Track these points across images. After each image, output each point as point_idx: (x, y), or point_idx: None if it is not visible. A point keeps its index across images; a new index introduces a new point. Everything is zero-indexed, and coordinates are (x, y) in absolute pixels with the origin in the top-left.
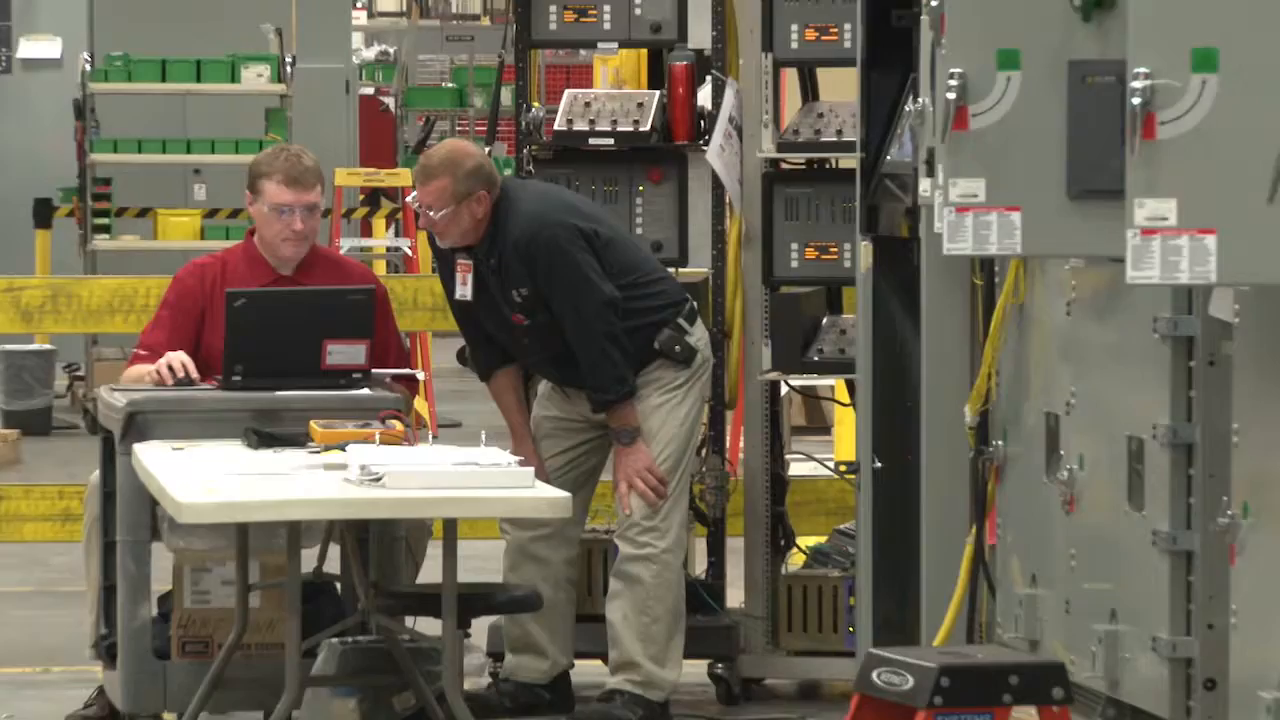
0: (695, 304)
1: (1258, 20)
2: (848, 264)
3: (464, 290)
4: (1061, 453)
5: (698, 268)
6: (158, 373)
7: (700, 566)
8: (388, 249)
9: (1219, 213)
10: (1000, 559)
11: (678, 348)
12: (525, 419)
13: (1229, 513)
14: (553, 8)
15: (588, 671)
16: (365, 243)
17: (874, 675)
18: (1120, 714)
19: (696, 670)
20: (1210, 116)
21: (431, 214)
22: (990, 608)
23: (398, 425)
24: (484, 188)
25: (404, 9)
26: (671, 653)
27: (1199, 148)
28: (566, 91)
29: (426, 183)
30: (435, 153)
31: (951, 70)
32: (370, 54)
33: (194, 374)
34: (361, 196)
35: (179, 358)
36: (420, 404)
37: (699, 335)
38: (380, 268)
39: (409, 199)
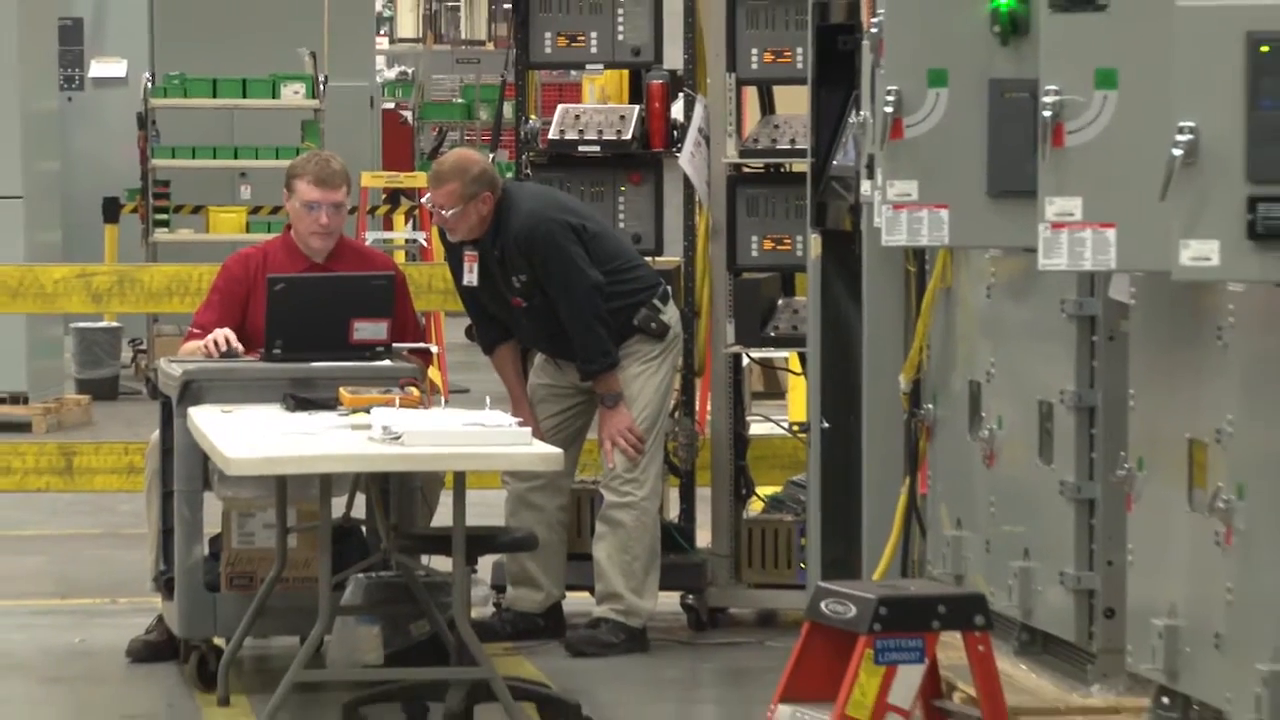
0: (669, 287)
1: (1151, 45)
2: (799, 253)
3: (470, 277)
4: (983, 415)
5: (671, 257)
6: (208, 347)
7: (674, 512)
8: (406, 240)
9: (1118, 209)
10: (930, 506)
11: (653, 324)
12: (523, 386)
13: (1126, 466)
14: (548, 34)
15: (577, 602)
16: (386, 235)
17: (822, 605)
18: (1033, 639)
19: (670, 601)
20: (1110, 127)
21: (443, 212)
22: (921, 547)
23: (414, 391)
24: (488, 189)
25: (420, 35)
26: (649, 586)
27: (1101, 154)
28: (559, 106)
29: (438, 186)
30: (445, 160)
31: (889, 87)
32: (391, 74)
33: (239, 348)
34: (384, 196)
35: (226, 334)
36: (434, 373)
37: (671, 314)
38: (400, 257)
39: (424, 199)
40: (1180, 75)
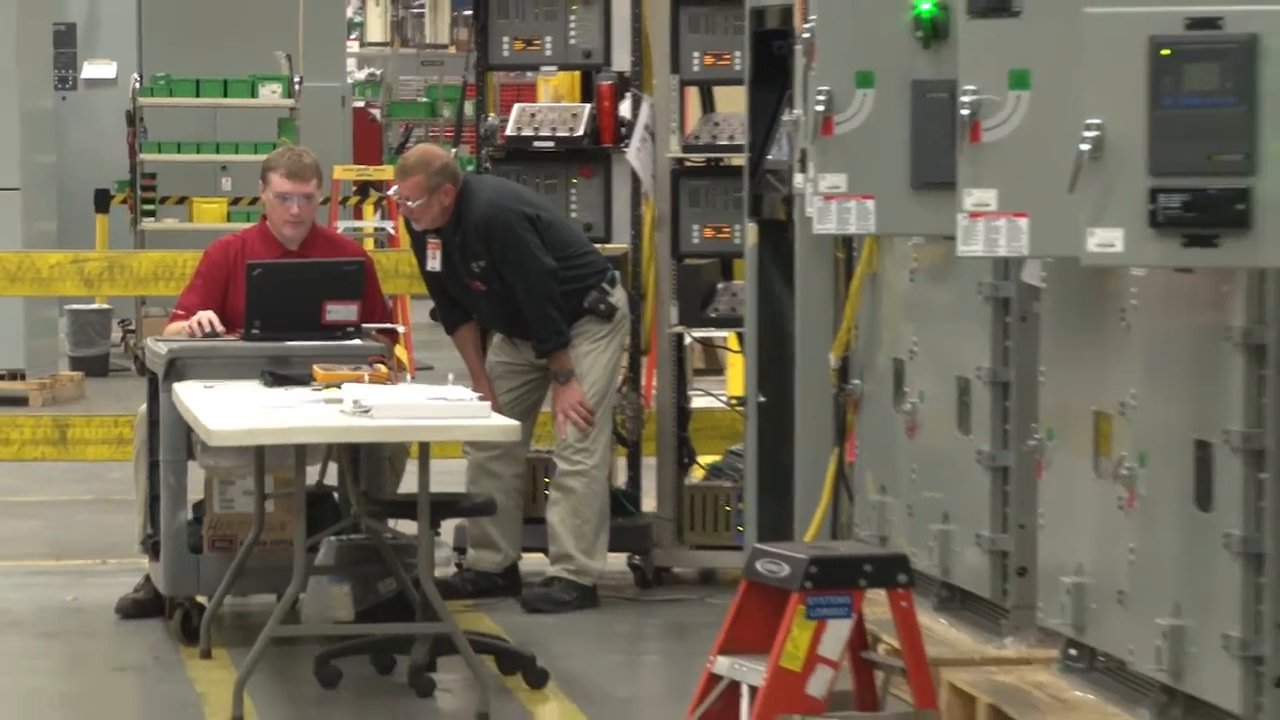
0: (617, 272)
1: (1061, 49)
2: (738, 241)
3: (434, 263)
4: (906, 389)
5: (620, 244)
6: (192, 327)
7: (622, 479)
8: (375, 229)
9: (1030, 200)
10: (857, 473)
11: (602, 306)
12: (481, 363)
13: (1036, 437)
14: (505, 39)
15: (532, 562)
16: (357, 224)
17: (758, 565)
18: (951, 595)
19: (618, 561)
20: (1024, 124)
21: (409, 203)
22: (849, 511)
23: (383, 368)
24: (450, 182)
25: (388, 39)
26: (599, 547)
27: (1014, 149)
28: (516, 105)
29: (404, 179)
30: (411, 155)
31: (820, 88)
32: (361, 75)
33: (220, 328)
34: (354, 187)
35: (208, 315)
36: (400, 351)
37: (619, 297)
38: (369, 244)
39: (390, 191)
40: (1088, 76)
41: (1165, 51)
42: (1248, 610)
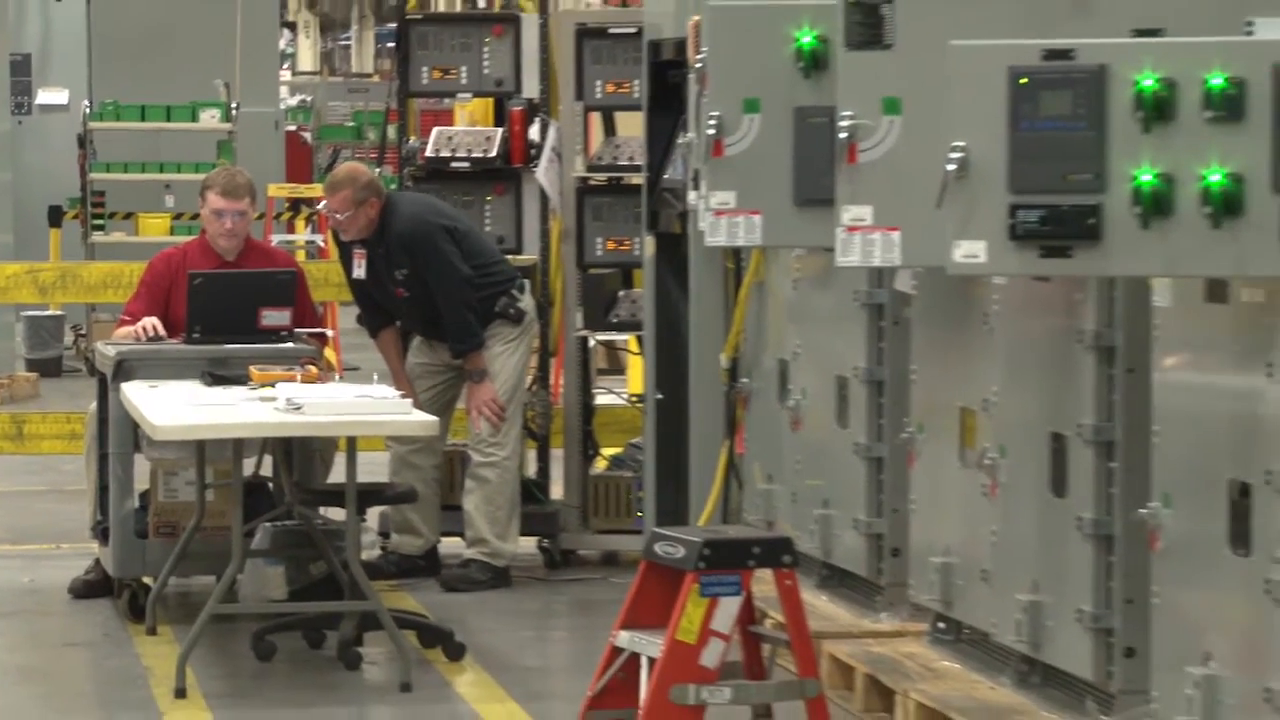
0: (525, 280)
1: (929, 78)
2: (637, 253)
3: (359, 271)
4: (790, 388)
5: (529, 255)
6: (138, 332)
7: (532, 469)
8: (305, 241)
9: (902, 215)
10: (746, 464)
11: (512, 310)
12: (402, 364)
13: (908, 430)
14: (425, 68)
15: (451, 545)
16: (289, 237)
17: (656, 547)
18: (831, 574)
19: (529, 544)
20: (895, 147)
21: (338, 216)
22: (739, 498)
23: (313, 369)
24: (374, 196)
25: (318, 69)
26: (511, 531)
27: (888, 169)
28: (435, 128)
29: (333, 194)
30: (338, 172)
31: (711, 113)
32: (293, 101)
33: (163, 333)
34: (287, 204)
35: (153, 321)
36: (329, 353)
37: (527, 303)
38: (301, 255)
39: (320, 206)
40: (953, 103)
41: (1023, 80)
42: (1099, 587)
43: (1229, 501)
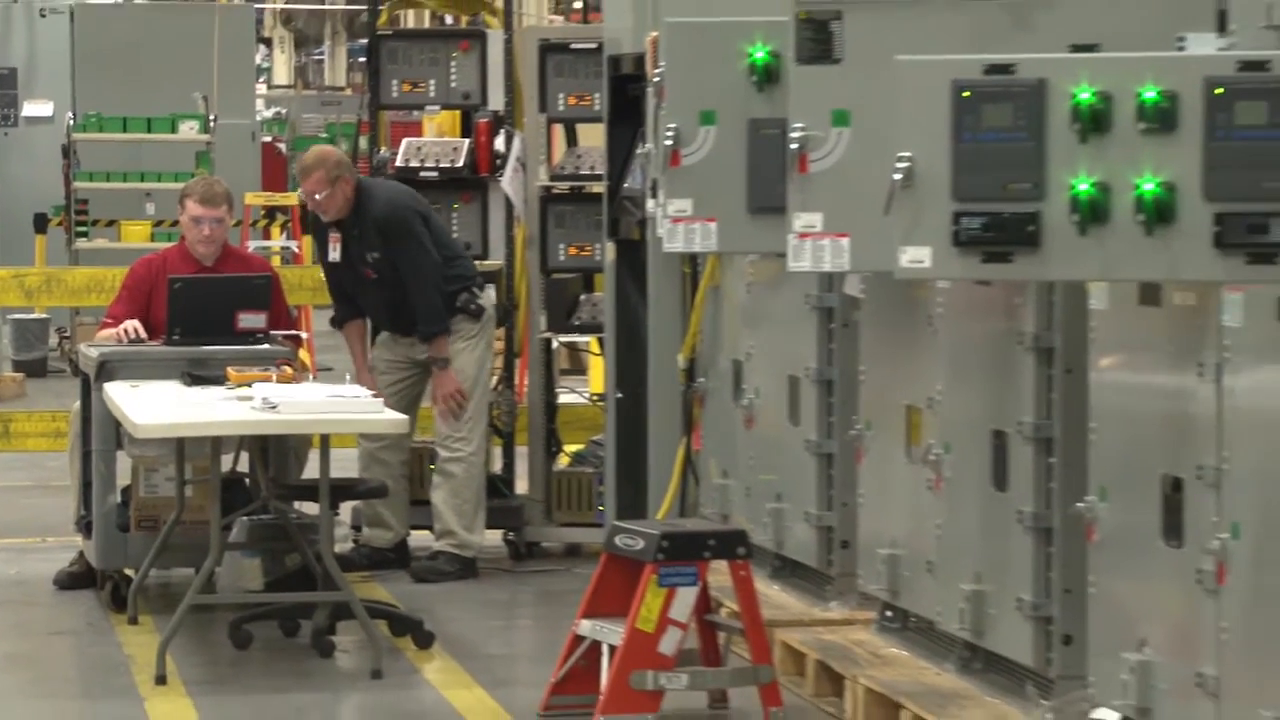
0: (482, 279)
1: (876, 91)
2: (598, 258)
3: (334, 254)
4: (744, 387)
5: (495, 260)
6: (120, 334)
7: (498, 465)
8: (281, 247)
9: (851, 222)
10: (702, 460)
11: (473, 306)
12: (365, 356)
13: (857, 427)
14: (395, 81)
15: (420, 538)
16: (265, 243)
17: (616, 539)
18: (784, 565)
19: (495, 537)
20: (845, 157)
21: (316, 197)
22: (695, 493)
23: (288, 370)
24: (347, 173)
25: (292, 83)
26: (477, 524)
27: (837, 178)
28: (404, 139)
29: (307, 177)
30: (307, 156)
31: (668, 125)
32: (269, 114)
33: (144, 335)
34: (263, 212)
35: (134, 324)
36: (304, 354)
37: (487, 299)
38: (276, 261)
39: (301, 190)
40: (899, 115)
41: (966, 93)
42: (1038, 577)
43: (1162, 495)
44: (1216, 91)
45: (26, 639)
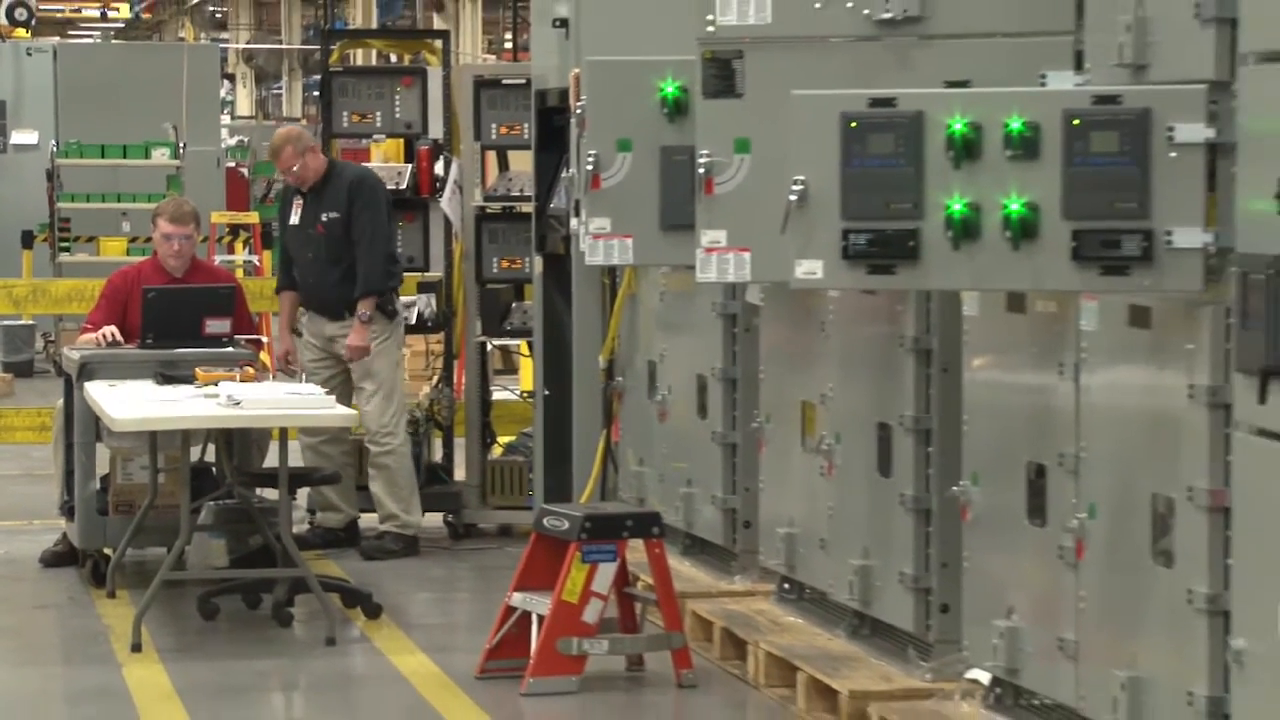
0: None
1: (774, 122)
2: (528, 270)
3: (294, 218)
4: (658, 385)
5: (435, 272)
6: (99, 339)
7: (439, 455)
8: (244, 261)
9: (751, 238)
10: (621, 450)
11: (389, 307)
12: (291, 322)
13: (758, 420)
14: (345, 112)
15: (368, 520)
16: (230, 257)
17: (544, 521)
18: (694, 543)
19: (435, 519)
20: (746, 180)
21: (293, 170)
22: (615, 479)
23: (250, 370)
24: (311, 144)
25: (254, 114)
26: (414, 505)
27: (739, 199)
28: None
29: (279, 155)
30: (274, 140)
31: (589, 152)
32: (233, 141)
33: (121, 339)
34: (228, 229)
35: (111, 329)
36: (264, 356)
37: (399, 304)
38: (239, 273)
39: (278, 171)
40: (794, 143)
41: (853, 124)
42: (919, 553)
43: (1027, 480)
44: (1074, 123)
45: (14, 612)
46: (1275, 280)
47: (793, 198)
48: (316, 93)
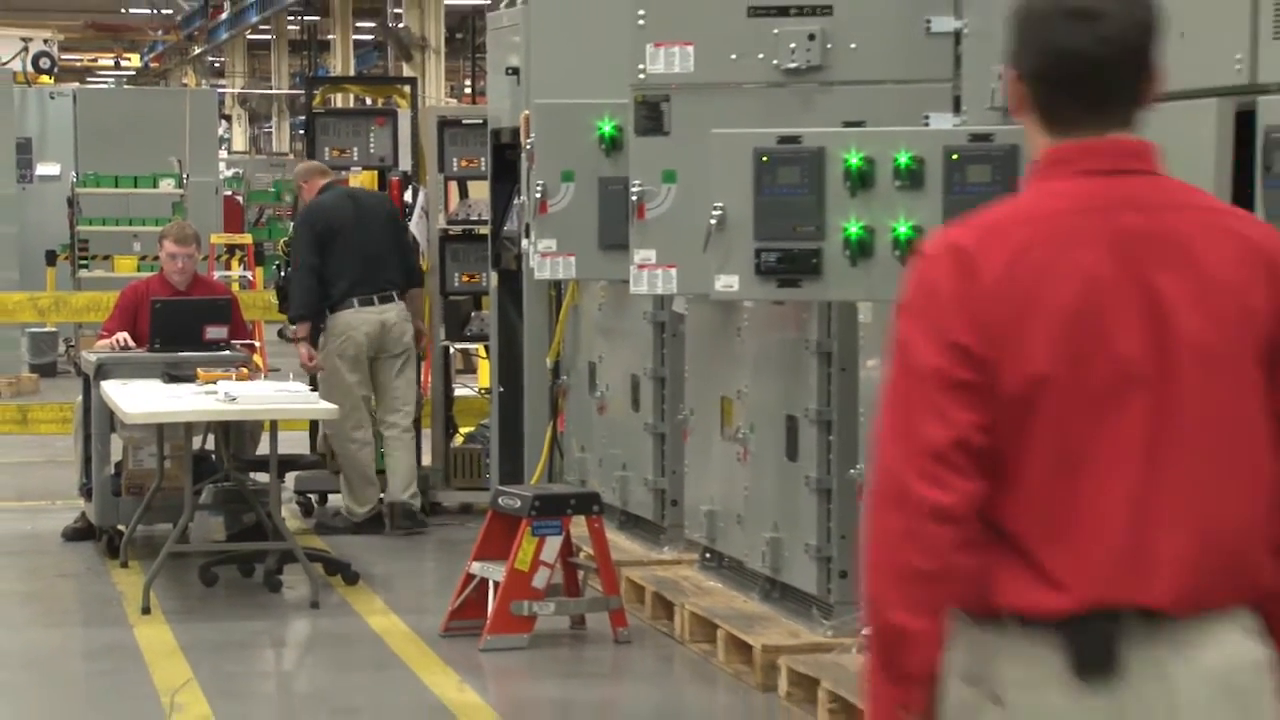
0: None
1: (697, 156)
2: (484, 284)
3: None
4: (598, 383)
5: None
6: (113, 344)
7: None
8: (239, 276)
9: (678, 256)
10: (566, 439)
11: (322, 325)
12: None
13: (684, 413)
14: (326, 148)
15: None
16: (227, 273)
17: (499, 500)
18: (628, 519)
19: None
20: (673, 206)
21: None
22: (561, 464)
23: (245, 371)
24: (304, 179)
25: (248, 149)
26: (365, 496)
27: (667, 223)
28: None
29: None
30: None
31: (537, 182)
32: (229, 173)
33: (132, 344)
34: (225, 248)
35: (124, 336)
36: (257, 359)
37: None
38: (235, 286)
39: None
40: (714, 174)
41: (765, 158)
42: (821, 527)
43: None
44: (953, 157)
45: (39, 580)
46: None
47: (713, 221)
48: (302, 131)
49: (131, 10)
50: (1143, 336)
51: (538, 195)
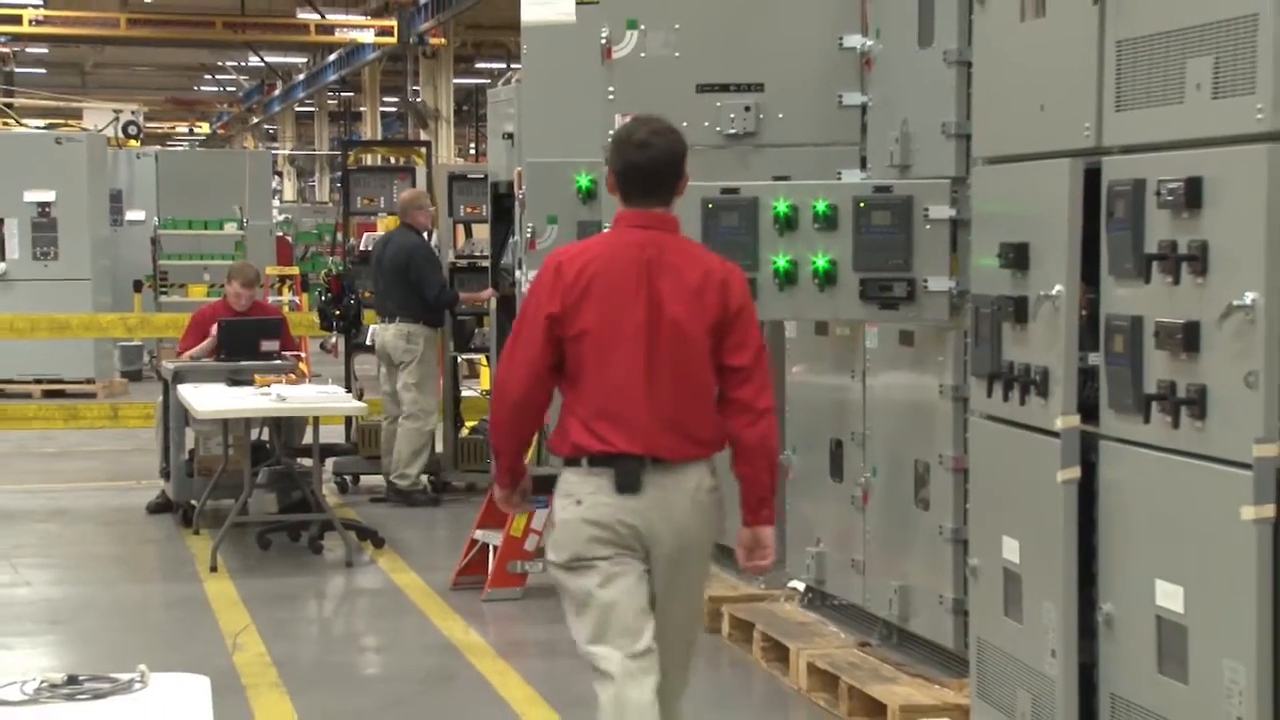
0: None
1: None
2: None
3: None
4: None
5: None
6: (188, 356)
7: None
8: (289, 301)
9: None
10: (549, 430)
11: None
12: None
13: None
14: (359, 196)
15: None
16: (279, 298)
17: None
18: None
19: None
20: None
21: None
22: (546, 453)
23: (293, 376)
24: (412, 208)
25: (296, 199)
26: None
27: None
28: (364, 233)
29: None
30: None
31: (528, 224)
32: (281, 218)
33: (204, 356)
34: (278, 279)
35: (201, 348)
36: (303, 366)
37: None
38: (285, 309)
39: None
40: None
41: (710, 205)
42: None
43: (829, 451)
44: (861, 205)
45: (127, 545)
46: (996, 314)
47: None
48: (339, 184)
49: (203, 88)
50: (646, 312)
51: (528, 235)
